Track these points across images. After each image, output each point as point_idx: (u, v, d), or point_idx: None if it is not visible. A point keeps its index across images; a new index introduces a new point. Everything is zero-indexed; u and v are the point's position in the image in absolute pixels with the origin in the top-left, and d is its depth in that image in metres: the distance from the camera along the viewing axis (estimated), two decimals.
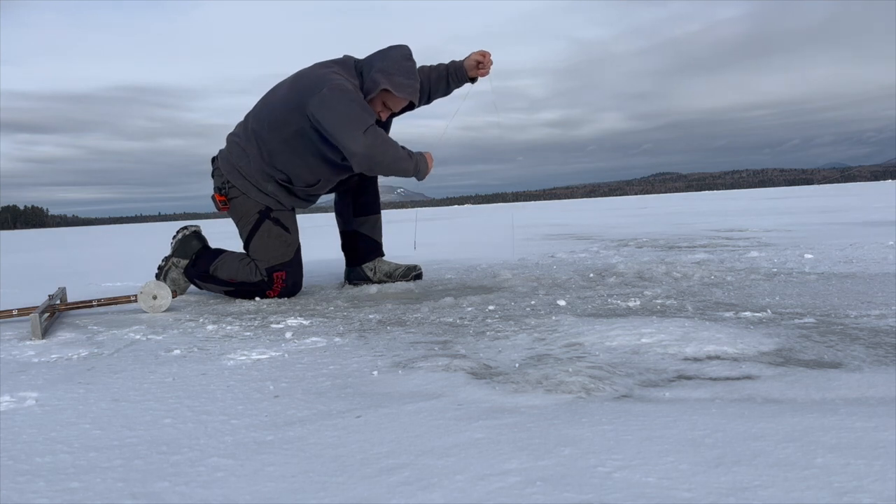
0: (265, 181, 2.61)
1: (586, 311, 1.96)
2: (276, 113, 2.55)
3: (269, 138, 2.55)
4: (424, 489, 0.76)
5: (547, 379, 1.21)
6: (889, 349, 1.35)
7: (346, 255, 2.94)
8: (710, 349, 1.39)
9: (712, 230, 5.86)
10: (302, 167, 2.58)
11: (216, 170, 2.70)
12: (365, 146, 2.35)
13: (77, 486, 0.82)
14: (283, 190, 2.64)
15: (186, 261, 2.68)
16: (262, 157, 2.58)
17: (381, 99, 2.55)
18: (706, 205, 15.86)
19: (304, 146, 2.53)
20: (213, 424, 1.04)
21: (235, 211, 2.66)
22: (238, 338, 1.79)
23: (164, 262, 2.72)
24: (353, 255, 2.91)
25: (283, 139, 2.53)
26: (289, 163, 2.57)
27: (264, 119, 2.59)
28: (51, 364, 1.55)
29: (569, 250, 4.24)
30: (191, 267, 2.66)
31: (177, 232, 2.81)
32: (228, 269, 2.59)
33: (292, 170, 2.59)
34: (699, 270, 2.77)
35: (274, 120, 2.55)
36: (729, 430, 0.91)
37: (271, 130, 2.55)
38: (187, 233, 2.76)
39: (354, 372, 1.36)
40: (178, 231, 2.81)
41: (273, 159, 2.57)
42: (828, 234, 4.61)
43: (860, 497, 0.69)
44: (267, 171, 2.59)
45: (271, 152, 2.57)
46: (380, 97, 2.54)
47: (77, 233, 25.59)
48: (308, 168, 2.59)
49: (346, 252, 2.94)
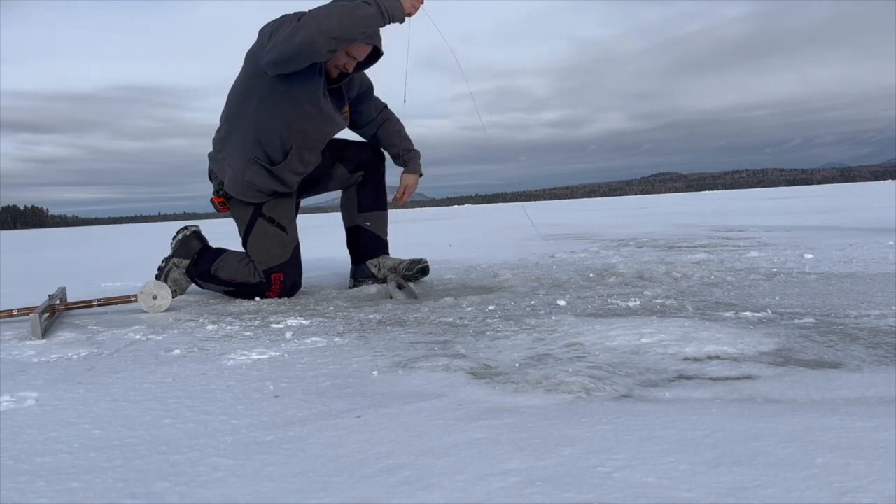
0: (244, 168, 2.53)
1: (586, 311, 1.96)
2: (240, 86, 2.52)
3: (244, 112, 2.50)
4: (424, 489, 0.76)
5: (547, 379, 1.21)
6: (889, 349, 1.35)
7: (351, 253, 2.91)
8: (710, 349, 1.39)
9: (712, 230, 5.86)
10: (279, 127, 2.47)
11: (212, 171, 2.69)
12: (305, 25, 2.20)
13: (77, 486, 0.82)
14: (261, 172, 2.54)
15: (188, 261, 2.68)
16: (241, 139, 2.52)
17: (344, 49, 2.43)
18: (706, 205, 15.86)
19: (274, 103, 2.43)
20: (213, 424, 1.04)
21: (234, 210, 2.66)
22: (238, 338, 1.79)
23: (164, 262, 2.72)
24: (356, 252, 2.87)
25: (255, 104, 2.46)
26: (265, 130, 2.48)
27: (234, 99, 2.55)
28: (51, 364, 1.55)
29: (569, 250, 4.24)
30: (192, 266, 2.66)
31: (176, 233, 2.81)
32: (229, 270, 2.58)
33: (270, 138, 2.49)
34: (699, 270, 2.77)
35: (240, 93, 2.51)
36: (729, 430, 0.91)
37: (241, 104, 2.50)
38: (187, 233, 2.76)
39: (354, 372, 1.36)
40: (178, 231, 2.80)
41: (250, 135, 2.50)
42: (828, 235, 4.61)
43: (860, 497, 0.69)
44: (246, 154, 2.52)
45: (246, 127, 2.50)
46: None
47: (77, 233, 25.58)
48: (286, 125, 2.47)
49: (351, 249, 2.90)
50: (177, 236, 2.78)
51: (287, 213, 2.66)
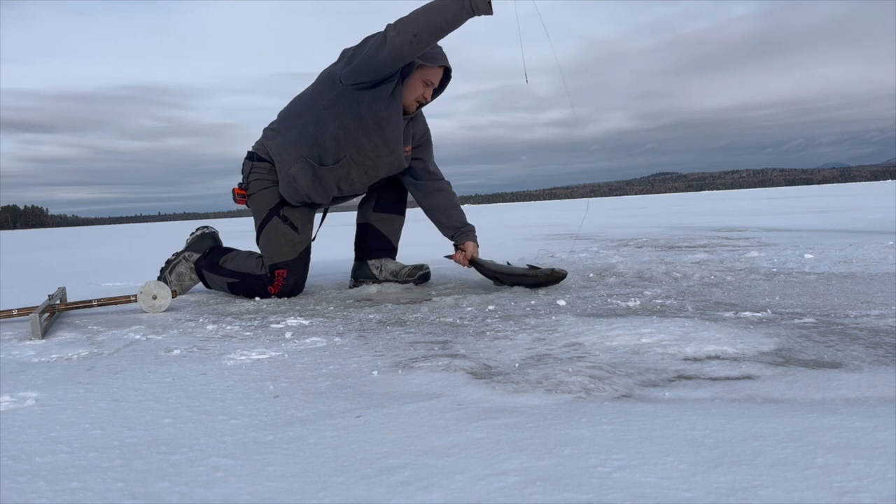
0: (292, 160, 2.54)
1: (586, 311, 1.96)
2: (308, 92, 2.56)
3: (308, 112, 2.52)
4: (424, 489, 0.76)
5: (547, 379, 1.21)
6: (889, 349, 1.35)
7: (356, 249, 2.90)
8: (710, 349, 1.39)
9: (712, 230, 5.86)
10: (339, 132, 2.48)
11: (244, 164, 2.71)
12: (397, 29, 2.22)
13: (77, 486, 0.82)
14: (308, 171, 2.53)
15: (198, 254, 2.71)
16: (297, 133, 2.54)
17: (419, 78, 2.48)
18: (706, 205, 15.86)
19: (341, 109, 2.45)
20: (213, 424, 1.04)
21: (253, 205, 2.68)
22: (238, 338, 1.79)
23: (174, 256, 2.75)
24: (362, 247, 2.87)
25: (322, 107, 2.48)
26: (324, 131, 2.48)
27: (299, 102, 2.58)
28: (51, 364, 1.55)
29: (569, 250, 4.24)
30: (202, 258, 2.69)
31: (196, 230, 2.86)
32: (237, 262, 2.63)
33: (326, 140, 2.49)
34: (699, 270, 2.77)
35: (308, 97, 2.55)
36: (729, 430, 0.91)
37: (307, 105, 2.53)
38: (206, 231, 2.82)
39: (354, 372, 1.36)
40: (197, 229, 2.86)
41: (308, 132, 2.51)
42: (828, 235, 4.61)
43: (860, 497, 0.69)
44: (299, 149, 2.53)
45: (306, 124, 2.51)
46: (418, 76, 2.48)
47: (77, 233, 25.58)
48: (345, 133, 2.48)
49: (356, 246, 2.90)
50: (195, 233, 2.83)
51: (303, 217, 2.66)
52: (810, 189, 45.49)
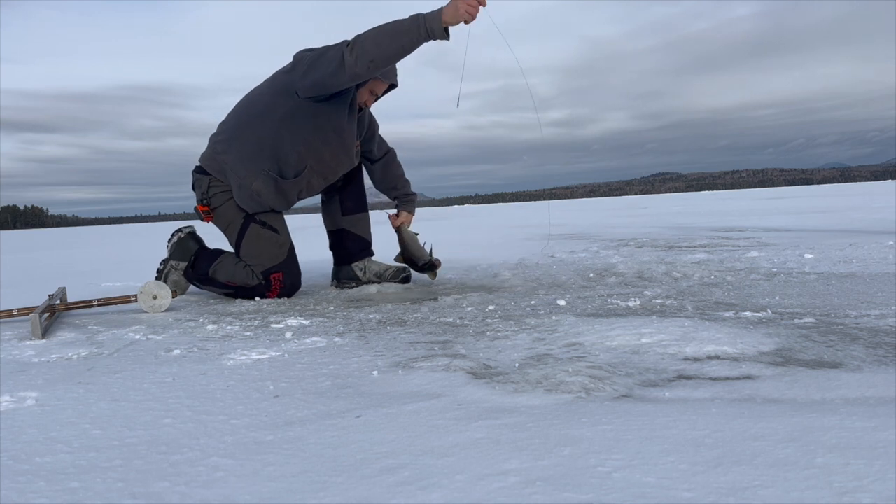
0: (253, 176, 2.54)
1: (586, 311, 1.96)
2: (262, 98, 2.56)
3: (263, 123, 2.52)
4: (424, 489, 0.76)
5: (547, 379, 1.21)
6: (889, 349, 1.35)
7: (335, 254, 2.92)
8: (710, 349, 1.39)
9: (712, 230, 5.86)
10: (299, 146, 2.52)
11: (197, 180, 2.66)
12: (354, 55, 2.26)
13: (77, 486, 0.82)
14: (270, 184, 2.55)
15: (185, 263, 2.68)
16: (254, 146, 2.53)
17: (368, 87, 2.63)
18: (706, 205, 15.86)
19: (300, 122, 2.50)
20: (213, 424, 1.04)
21: (221, 219, 2.64)
22: (238, 338, 1.79)
23: (162, 265, 2.72)
24: (342, 253, 2.89)
25: (278, 119, 2.50)
26: (284, 145, 2.52)
27: (252, 108, 2.58)
28: (51, 364, 1.55)
29: (569, 250, 4.24)
30: (190, 269, 2.66)
31: (172, 235, 2.81)
32: (226, 272, 2.58)
33: (287, 154, 2.53)
34: (699, 270, 2.77)
35: (262, 104, 2.55)
36: (729, 430, 0.91)
37: (262, 116, 2.53)
38: (182, 235, 2.76)
39: (354, 372, 1.36)
40: (173, 234, 2.80)
41: (266, 145, 2.52)
42: (828, 235, 4.61)
43: (860, 497, 0.69)
44: (258, 164, 2.53)
45: (263, 139, 2.52)
46: (368, 86, 2.62)
47: (77, 233, 25.59)
48: (306, 146, 2.53)
49: (335, 251, 2.92)
50: (172, 239, 2.78)
51: (277, 219, 2.67)
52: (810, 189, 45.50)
